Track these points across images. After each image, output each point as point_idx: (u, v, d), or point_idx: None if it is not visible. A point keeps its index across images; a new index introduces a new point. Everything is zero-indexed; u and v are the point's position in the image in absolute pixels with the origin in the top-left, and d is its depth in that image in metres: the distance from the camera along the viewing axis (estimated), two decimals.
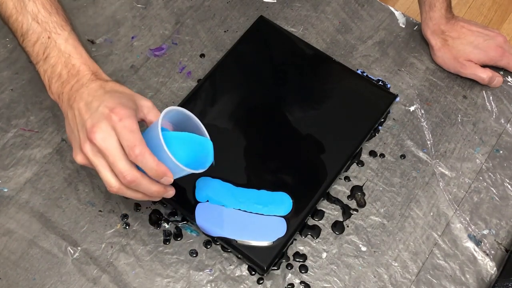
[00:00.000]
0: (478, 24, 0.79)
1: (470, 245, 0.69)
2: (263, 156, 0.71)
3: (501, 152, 0.75)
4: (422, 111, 0.77)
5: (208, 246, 0.69)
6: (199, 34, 0.83)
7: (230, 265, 0.68)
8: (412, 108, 0.77)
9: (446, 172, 0.73)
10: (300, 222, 0.67)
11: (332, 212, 0.71)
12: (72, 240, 0.69)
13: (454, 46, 0.78)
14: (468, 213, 0.71)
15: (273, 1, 0.85)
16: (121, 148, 0.57)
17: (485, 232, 0.70)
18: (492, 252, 0.69)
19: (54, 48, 0.62)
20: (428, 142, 0.75)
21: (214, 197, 0.68)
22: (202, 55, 0.81)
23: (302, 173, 0.70)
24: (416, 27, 0.83)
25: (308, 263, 0.68)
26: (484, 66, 0.78)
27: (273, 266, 0.67)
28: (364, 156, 0.74)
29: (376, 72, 0.80)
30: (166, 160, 0.58)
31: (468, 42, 0.77)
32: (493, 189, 0.72)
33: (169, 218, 0.70)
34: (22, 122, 0.76)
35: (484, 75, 0.77)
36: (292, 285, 0.67)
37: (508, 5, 1.77)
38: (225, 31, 0.83)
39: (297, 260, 0.68)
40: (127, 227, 0.69)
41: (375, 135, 0.75)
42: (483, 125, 0.76)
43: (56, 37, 0.62)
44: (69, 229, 0.69)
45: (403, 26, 0.83)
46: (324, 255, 0.68)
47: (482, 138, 0.76)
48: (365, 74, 0.79)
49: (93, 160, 0.58)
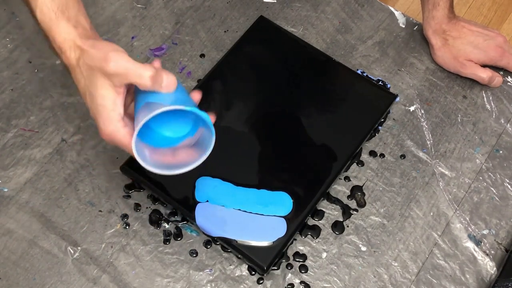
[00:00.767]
0: (479, 24, 0.79)
1: (470, 245, 0.69)
2: (263, 156, 0.71)
3: (501, 152, 0.75)
4: (422, 111, 0.77)
5: (208, 246, 0.69)
6: (199, 34, 0.83)
7: (230, 265, 0.68)
8: (412, 108, 0.77)
9: (446, 172, 0.73)
10: (300, 222, 0.67)
11: (332, 212, 0.71)
12: (72, 240, 0.69)
13: (455, 46, 0.78)
14: (468, 213, 0.71)
15: (273, 1, 0.85)
16: None
17: (485, 232, 0.70)
18: (492, 252, 0.69)
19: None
20: (428, 142, 0.75)
21: (214, 197, 0.68)
22: (202, 55, 0.81)
23: (302, 173, 0.70)
24: (416, 27, 0.83)
25: (308, 263, 0.68)
26: (484, 66, 0.78)
27: (273, 266, 0.67)
28: (364, 156, 0.74)
29: (376, 72, 0.80)
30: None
31: (468, 42, 0.77)
32: (493, 189, 0.72)
33: (169, 218, 0.70)
34: (22, 122, 0.76)
35: (484, 75, 0.77)
36: (292, 285, 0.67)
37: (508, 5, 1.77)
38: (225, 31, 0.83)
39: (297, 260, 0.68)
40: (127, 227, 0.69)
41: (375, 135, 0.75)
42: (483, 125, 0.76)
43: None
44: (69, 229, 0.69)
45: (403, 26, 0.84)
46: (324, 255, 0.68)
47: (482, 138, 0.76)
48: (365, 74, 0.79)
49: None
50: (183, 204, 0.68)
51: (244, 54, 0.78)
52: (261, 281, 0.67)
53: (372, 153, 0.74)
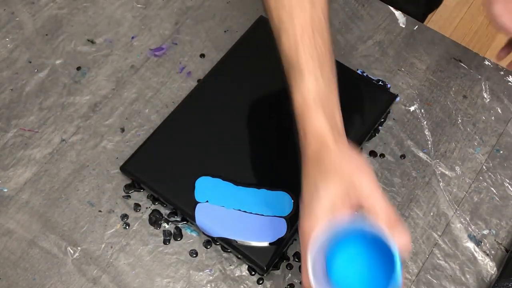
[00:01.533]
0: None
1: (470, 245, 0.69)
2: (263, 156, 0.71)
3: (501, 152, 0.75)
4: (422, 111, 0.77)
5: (208, 246, 0.69)
6: (199, 34, 0.83)
7: (230, 265, 0.68)
8: (412, 108, 0.77)
9: (446, 172, 0.73)
10: None
11: None
12: (72, 240, 0.69)
13: None
14: (468, 213, 0.71)
15: None
16: None
17: (485, 232, 0.70)
18: (492, 252, 0.69)
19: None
20: (428, 142, 0.75)
21: (214, 198, 0.68)
22: (202, 55, 0.81)
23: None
24: (416, 27, 0.83)
25: None
26: None
27: (273, 266, 0.67)
28: (364, 156, 0.74)
29: (376, 72, 0.80)
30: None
31: None
32: (493, 189, 0.72)
33: (169, 218, 0.70)
34: (22, 122, 0.76)
35: None
36: (292, 285, 0.67)
37: None
38: (225, 31, 0.83)
39: (297, 260, 0.68)
40: (127, 227, 0.69)
41: (375, 135, 0.75)
42: (483, 125, 0.76)
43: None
44: (69, 229, 0.69)
45: (403, 26, 0.83)
46: None
47: (482, 138, 0.76)
48: (365, 74, 0.79)
49: None
50: (183, 204, 0.68)
51: (244, 54, 0.78)
52: (261, 281, 0.67)
53: (372, 153, 0.74)
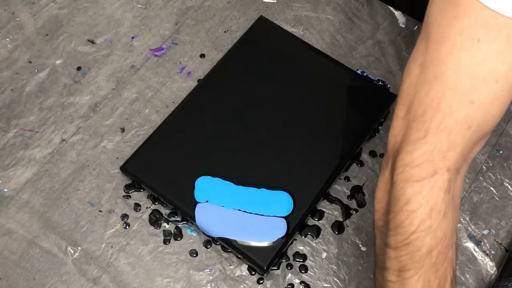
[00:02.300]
0: None
1: (470, 245, 0.69)
2: (263, 156, 0.71)
3: (501, 152, 0.75)
4: None
5: (208, 246, 0.69)
6: (199, 34, 0.83)
7: (230, 265, 0.68)
8: None
9: None
10: (300, 222, 0.67)
11: (332, 212, 0.71)
12: (72, 240, 0.69)
13: None
14: (468, 213, 0.71)
15: (273, 1, 0.85)
16: None
17: (485, 232, 0.70)
18: (492, 252, 0.69)
19: None
20: None
21: (214, 198, 0.68)
22: (202, 55, 0.81)
23: (302, 173, 0.70)
24: (416, 27, 0.83)
25: (308, 263, 0.68)
26: None
27: (273, 266, 0.67)
28: (364, 156, 0.74)
29: (376, 72, 0.80)
30: None
31: None
32: (493, 189, 0.72)
33: (169, 218, 0.70)
34: (22, 122, 0.76)
35: None
36: (292, 285, 0.67)
37: None
38: (225, 31, 0.83)
39: (297, 260, 0.68)
40: (127, 227, 0.69)
41: (375, 135, 0.75)
42: None
43: None
44: (69, 229, 0.69)
45: (403, 26, 0.83)
46: (324, 255, 0.68)
47: None
48: (365, 74, 0.79)
49: None
50: (183, 204, 0.68)
51: (244, 54, 0.78)
52: (261, 281, 0.67)
53: (372, 153, 0.74)
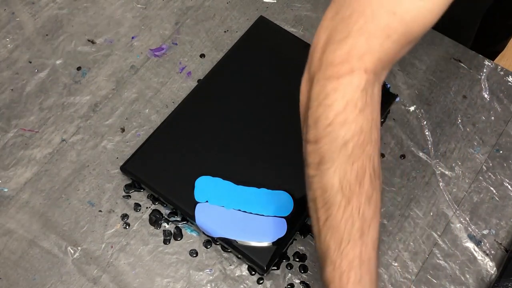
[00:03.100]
0: None
1: (470, 245, 0.69)
2: (263, 156, 0.71)
3: (501, 152, 0.75)
4: (422, 111, 0.77)
5: (208, 246, 0.69)
6: (199, 34, 0.83)
7: (230, 265, 0.68)
8: (412, 108, 0.77)
9: (446, 172, 0.73)
10: (300, 222, 0.67)
11: None
12: (72, 240, 0.69)
13: None
14: (468, 213, 0.71)
15: (273, 1, 0.85)
16: None
17: (485, 232, 0.70)
18: (492, 252, 0.69)
19: None
20: (428, 142, 0.75)
21: (214, 198, 0.68)
22: (202, 55, 0.81)
23: (302, 173, 0.70)
24: None
25: (308, 263, 0.68)
26: None
27: (273, 266, 0.67)
28: None
29: None
30: None
31: None
32: (493, 189, 0.72)
33: (169, 218, 0.70)
34: (22, 122, 0.76)
35: None
36: (292, 285, 0.67)
37: None
38: (225, 31, 0.83)
39: (297, 260, 0.68)
40: (127, 227, 0.69)
41: None
42: (483, 125, 0.76)
43: None
44: (69, 229, 0.69)
45: None
46: None
47: (482, 138, 0.76)
48: None
49: None
50: (183, 204, 0.68)
51: (244, 54, 0.78)
52: (261, 281, 0.67)
53: None
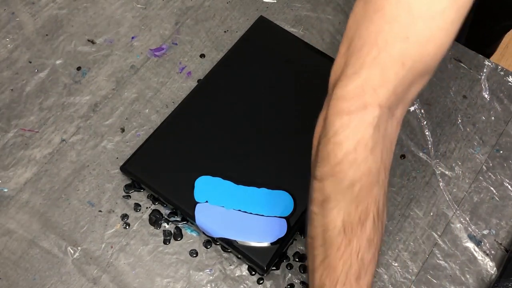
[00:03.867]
0: None
1: (470, 245, 0.69)
2: (263, 156, 0.71)
3: (501, 152, 0.75)
4: (422, 111, 0.77)
5: (208, 246, 0.69)
6: (199, 34, 0.83)
7: (230, 265, 0.68)
8: (412, 108, 0.77)
9: (446, 172, 0.73)
10: (300, 222, 0.67)
11: None
12: (72, 240, 0.69)
13: None
14: (468, 213, 0.71)
15: (273, 1, 0.85)
16: None
17: (485, 232, 0.70)
18: (492, 252, 0.69)
19: None
20: (428, 142, 0.75)
21: (214, 198, 0.68)
22: (202, 55, 0.81)
23: (302, 173, 0.70)
24: None
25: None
26: None
27: (273, 266, 0.67)
28: None
29: None
30: None
31: None
32: (493, 189, 0.72)
33: (169, 218, 0.70)
34: (22, 122, 0.76)
35: None
36: (292, 285, 0.67)
37: None
38: (225, 31, 0.83)
39: (297, 260, 0.68)
40: (127, 227, 0.69)
41: None
42: (483, 125, 0.76)
43: None
44: (69, 229, 0.69)
45: None
46: None
47: (482, 138, 0.76)
48: None
49: None
50: (183, 204, 0.68)
51: (244, 54, 0.78)
52: (261, 281, 0.67)
53: None
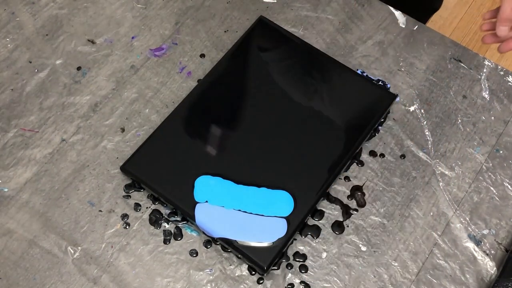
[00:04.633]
0: None
1: (470, 245, 0.69)
2: (263, 156, 0.71)
3: (501, 152, 0.75)
4: (422, 111, 0.77)
5: (208, 246, 0.69)
6: (199, 34, 0.83)
7: (230, 265, 0.68)
8: (412, 108, 0.77)
9: (446, 172, 0.73)
10: (300, 222, 0.67)
11: (332, 212, 0.71)
12: (72, 240, 0.69)
13: None
14: (468, 213, 0.71)
15: (273, 1, 0.85)
16: None
17: (485, 232, 0.70)
18: (492, 252, 0.69)
19: None
20: (428, 142, 0.75)
21: (213, 198, 0.68)
22: (202, 55, 0.81)
23: (302, 173, 0.70)
24: (416, 27, 0.83)
25: (308, 263, 0.68)
26: None
27: (273, 266, 0.67)
28: (364, 156, 0.74)
29: (376, 72, 0.80)
30: None
31: None
32: (493, 189, 0.73)
33: (169, 218, 0.70)
34: (22, 122, 0.76)
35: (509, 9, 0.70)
36: (292, 285, 0.67)
37: None
38: (225, 31, 0.83)
39: (297, 260, 0.68)
40: (127, 227, 0.69)
41: (375, 135, 0.75)
42: (483, 125, 0.77)
43: None
44: (69, 229, 0.69)
45: (403, 26, 0.83)
46: (324, 255, 0.68)
47: (482, 138, 0.76)
48: (365, 74, 0.79)
49: None
50: (183, 204, 0.68)
51: (244, 54, 0.78)
52: (261, 281, 0.67)
53: (372, 153, 0.74)
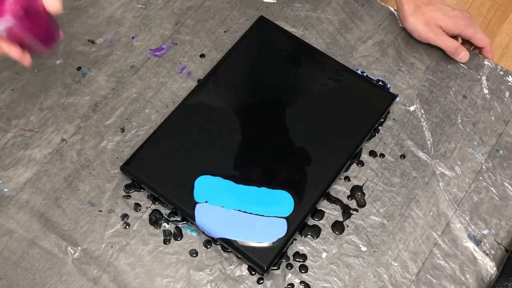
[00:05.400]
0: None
1: (470, 245, 0.69)
2: (263, 156, 0.71)
3: (501, 152, 0.75)
4: (422, 111, 0.77)
5: (208, 246, 0.69)
6: (199, 34, 0.83)
7: (230, 265, 0.68)
8: (412, 108, 0.77)
9: (446, 172, 0.73)
10: (300, 222, 0.67)
11: (332, 212, 0.71)
12: (72, 240, 0.69)
13: (426, 12, 0.80)
14: (468, 213, 0.71)
15: (273, 1, 0.85)
16: None
17: (485, 232, 0.70)
18: (492, 252, 0.69)
19: None
20: (428, 142, 0.75)
21: (214, 197, 0.68)
22: (202, 55, 0.81)
23: (302, 173, 0.70)
24: None
25: (308, 263, 0.68)
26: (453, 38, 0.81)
27: (273, 266, 0.67)
28: (364, 156, 0.74)
29: (376, 72, 0.80)
30: None
31: (438, 9, 0.80)
32: (493, 189, 0.73)
33: (169, 218, 0.70)
34: (22, 122, 0.76)
35: (451, 44, 0.80)
36: (292, 285, 0.67)
37: (508, 5, 1.77)
38: (225, 31, 0.83)
39: (297, 260, 0.68)
40: (127, 227, 0.69)
41: (375, 135, 0.75)
42: (483, 125, 0.77)
43: None
44: (69, 229, 0.69)
45: (403, 26, 0.83)
46: (324, 255, 0.68)
47: (482, 138, 0.76)
48: (365, 74, 0.79)
49: None
50: (183, 204, 0.68)
51: (244, 54, 0.78)
52: (261, 281, 0.67)
53: (372, 153, 0.74)
